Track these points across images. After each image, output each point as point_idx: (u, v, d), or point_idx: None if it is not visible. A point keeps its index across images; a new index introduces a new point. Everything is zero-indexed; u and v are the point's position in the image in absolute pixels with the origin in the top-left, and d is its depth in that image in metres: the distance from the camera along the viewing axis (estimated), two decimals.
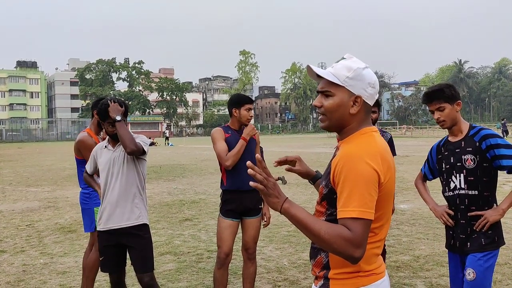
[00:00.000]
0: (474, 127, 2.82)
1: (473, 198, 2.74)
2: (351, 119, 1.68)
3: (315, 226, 1.50)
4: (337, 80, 1.66)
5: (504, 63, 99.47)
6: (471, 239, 2.75)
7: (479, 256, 2.69)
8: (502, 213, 2.72)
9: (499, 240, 2.78)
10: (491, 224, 2.72)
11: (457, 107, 2.79)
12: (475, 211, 2.74)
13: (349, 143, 1.66)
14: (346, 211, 1.51)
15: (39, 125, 76.70)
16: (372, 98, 1.68)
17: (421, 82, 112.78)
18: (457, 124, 2.82)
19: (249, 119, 3.78)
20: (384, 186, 1.60)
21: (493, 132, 2.73)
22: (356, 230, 1.48)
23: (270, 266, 5.14)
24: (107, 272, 3.51)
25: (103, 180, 3.40)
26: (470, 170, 2.72)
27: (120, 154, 3.38)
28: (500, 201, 2.83)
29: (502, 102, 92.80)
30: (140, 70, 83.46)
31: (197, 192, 10.98)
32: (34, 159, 24.88)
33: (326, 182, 1.67)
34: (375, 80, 1.67)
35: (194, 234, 6.67)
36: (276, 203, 1.56)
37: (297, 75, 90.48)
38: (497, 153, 2.65)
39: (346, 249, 1.48)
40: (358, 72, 1.64)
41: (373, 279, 1.65)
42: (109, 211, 3.35)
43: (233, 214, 3.70)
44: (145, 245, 3.39)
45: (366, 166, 1.54)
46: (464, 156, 2.74)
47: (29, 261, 5.46)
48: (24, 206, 9.49)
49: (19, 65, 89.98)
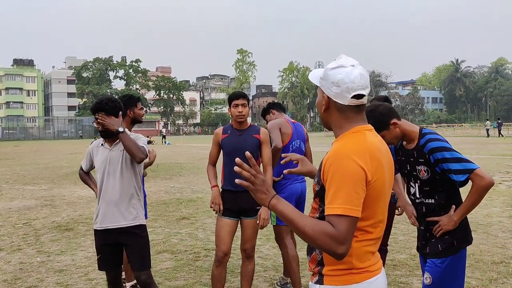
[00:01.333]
0: (424, 135, 2.70)
1: (430, 205, 2.72)
2: (326, 117, 1.79)
3: (300, 222, 1.56)
4: (316, 82, 1.79)
5: (501, 63, 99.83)
6: (429, 244, 2.73)
7: (436, 262, 2.67)
8: (454, 224, 2.64)
9: (460, 243, 2.69)
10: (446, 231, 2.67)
11: (392, 127, 2.67)
12: (431, 217, 2.72)
13: (339, 142, 1.71)
14: (332, 208, 1.55)
15: (36, 124, 76.51)
16: (340, 96, 1.68)
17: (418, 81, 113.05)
18: (406, 135, 2.73)
19: (238, 116, 3.71)
20: (373, 185, 1.62)
21: (438, 145, 2.62)
22: (339, 227, 1.52)
23: (267, 264, 5.15)
24: (104, 270, 3.51)
25: (99, 179, 3.38)
26: (424, 181, 2.68)
27: (117, 154, 3.34)
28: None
29: (499, 102, 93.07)
30: (137, 69, 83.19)
31: (194, 191, 10.99)
32: (30, 157, 24.82)
33: (318, 180, 1.71)
34: (339, 79, 1.67)
35: (191, 232, 6.68)
36: (264, 199, 1.63)
37: (294, 74, 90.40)
38: (445, 168, 2.59)
39: (330, 246, 1.51)
40: (326, 72, 1.72)
41: (366, 276, 1.68)
42: (104, 210, 3.33)
43: (230, 213, 3.71)
44: (142, 243, 3.39)
45: (353, 163, 1.57)
46: (418, 166, 2.69)
47: (26, 259, 5.46)
48: (21, 204, 9.47)
49: (16, 63, 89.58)
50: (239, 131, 3.77)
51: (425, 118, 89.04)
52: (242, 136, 3.74)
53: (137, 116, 4.19)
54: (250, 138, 3.74)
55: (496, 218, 7.30)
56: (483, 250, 5.48)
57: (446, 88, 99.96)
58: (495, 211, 7.83)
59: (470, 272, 4.68)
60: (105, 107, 3.27)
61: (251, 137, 3.75)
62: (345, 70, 1.68)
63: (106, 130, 3.30)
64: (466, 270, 4.70)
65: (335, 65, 1.72)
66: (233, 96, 3.78)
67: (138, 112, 4.21)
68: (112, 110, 3.29)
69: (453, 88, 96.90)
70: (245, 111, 3.74)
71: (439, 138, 2.67)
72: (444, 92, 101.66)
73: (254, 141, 3.74)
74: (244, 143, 3.69)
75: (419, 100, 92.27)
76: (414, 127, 2.77)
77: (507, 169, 14.17)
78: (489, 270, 4.77)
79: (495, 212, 7.79)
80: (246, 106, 3.76)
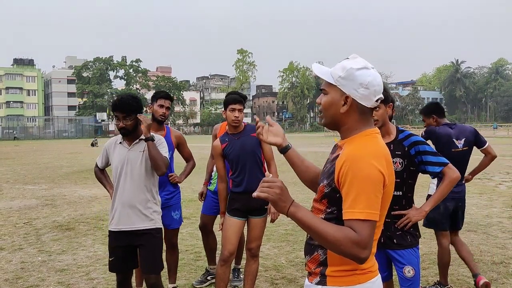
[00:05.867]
0: (402, 131, 2.93)
1: (397, 198, 2.83)
2: (343, 118, 1.70)
3: (321, 229, 1.54)
4: (331, 79, 1.69)
5: (501, 63, 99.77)
6: (396, 236, 2.87)
7: (411, 253, 2.85)
8: (424, 214, 2.91)
9: (419, 235, 2.96)
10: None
11: (388, 109, 2.90)
12: (398, 210, 2.87)
13: (353, 144, 1.66)
14: (353, 212, 1.53)
15: (36, 123, 76.50)
16: (367, 99, 1.66)
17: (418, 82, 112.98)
18: (385, 126, 2.91)
19: (234, 120, 3.69)
20: (387, 189, 1.63)
21: (421, 139, 2.89)
22: (362, 232, 1.51)
23: (268, 264, 5.16)
24: (115, 272, 3.39)
25: (115, 178, 3.27)
26: (397, 172, 2.79)
27: (136, 154, 3.23)
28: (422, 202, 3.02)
29: (499, 102, 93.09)
30: (137, 69, 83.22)
31: (195, 191, 10.98)
32: (31, 157, 24.81)
33: (329, 181, 1.68)
34: (369, 81, 1.64)
35: (192, 232, 6.69)
36: (283, 207, 1.60)
37: (294, 74, 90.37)
38: (424, 159, 2.84)
39: (353, 251, 1.51)
40: (351, 72, 1.65)
41: (369, 276, 1.69)
42: (120, 212, 3.23)
43: (239, 213, 3.71)
44: (156, 245, 3.29)
45: (373, 167, 1.56)
46: (393, 159, 2.81)
47: (27, 258, 5.47)
48: (21, 204, 9.48)
49: (16, 62, 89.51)
50: (236, 135, 3.75)
51: None
52: (241, 139, 3.74)
53: (154, 113, 4.03)
54: (249, 139, 3.73)
55: (496, 219, 7.31)
56: (483, 251, 5.49)
57: (446, 88, 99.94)
58: (495, 212, 7.85)
59: (470, 273, 4.69)
60: (132, 105, 3.17)
61: (249, 137, 3.74)
62: (371, 73, 1.66)
63: (127, 129, 3.18)
64: (466, 271, 4.73)
65: (359, 65, 1.66)
66: (230, 99, 3.72)
67: (155, 109, 4.03)
68: (136, 109, 3.21)
69: (453, 89, 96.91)
70: (241, 117, 3.74)
71: (416, 135, 2.95)
72: (444, 93, 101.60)
73: (254, 141, 3.74)
74: (245, 145, 3.71)
75: (419, 101, 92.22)
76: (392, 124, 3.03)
77: (507, 170, 14.18)
78: (489, 270, 4.78)
79: (495, 212, 7.81)
80: (242, 111, 3.75)
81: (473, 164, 4.57)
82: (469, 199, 9.10)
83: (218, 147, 3.78)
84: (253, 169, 3.70)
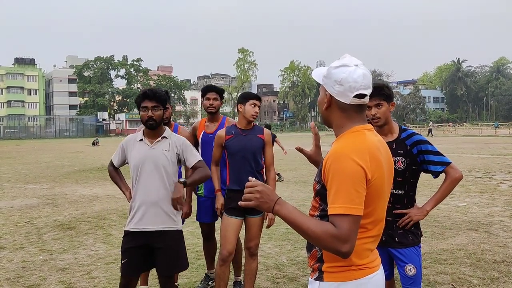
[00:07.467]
0: (405, 130, 2.94)
1: (399, 197, 2.86)
2: (329, 116, 1.79)
3: (304, 225, 1.59)
4: (320, 80, 1.80)
5: (502, 62, 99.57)
6: (398, 235, 2.87)
7: (413, 252, 2.85)
8: (426, 213, 2.90)
9: (421, 233, 2.97)
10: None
11: (391, 107, 2.90)
12: (399, 209, 2.87)
13: (339, 141, 1.73)
14: (333, 207, 1.58)
15: (37, 122, 76.57)
16: (342, 95, 1.70)
17: (420, 80, 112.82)
18: (388, 124, 2.91)
19: (253, 115, 3.77)
20: (373, 183, 1.64)
21: (424, 138, 2.88)
22: (341, 226, 1.55)
23: (269, 263, 5.16)
24: (126, 275, 3.19)
25: (134, 175, 3.13)
26: (399, 171, 2.81)
27: (159, 153, 3.11)
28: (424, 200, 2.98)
29: (500, 101, 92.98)
30: (138, 68, 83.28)
31: None
32: (32, 156, 24.85)
33: (319, 179, 1.73)
34: (342, 77, 1.68)
35: (193, 231, 6.68)
36: (268, 208, 1.67)
37: (295, 73, 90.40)
38: (426, 159, 2.84)
39: (334, 245, 1.55)
40: (329, 71, 1.73)
41: (365, 272, 1.71)
42: (143, 211, 3.09)
43: (236, 212, 3.70)
44: (178, 246, 3.18)
45: (352, 163, 1.59)
46: (395, 158, 2.81)
47: (28, 257, 5.48)
48: (23, 203, 9.49)
49: (17, 62, 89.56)
50: (244, 131, 3.78)
51: (426, 117, 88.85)
52: (247, 136, 3.76)
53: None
54: (255, 139, 3.76)
55: (498, 218, 7.30)
56: (484, 249, 5.48)
57: (447, 87, 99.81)
58: (497, 211, 7.84)
59: (471, 271, 4.69)
60: (163, 95, 3.13)
61: (256, 137, 3.77)
62: (348, 69, 1.70)
63: (155, 119, 3.07)
64: (468, 269, 4.73)
65: (338, 64, 1.73)
66: (253, 95, 3.86)
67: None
68: (165, 99, 3.17)
69: (455, 88, 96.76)
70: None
71: (420, 134, 2.94)
72: (445, 92, 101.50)
73: (259, 142, 3.77)
74: (250, 143, 3.72)
75: (420, 100, 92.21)
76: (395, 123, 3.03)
77: (509, 169, 14.17)
78: (490, 269, 4.78)
79: (496, 211, 7.80)
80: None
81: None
82: (471, 198, 9.10)
83: (222, 137, 3.78)
84: (249, 168, 3.70)
